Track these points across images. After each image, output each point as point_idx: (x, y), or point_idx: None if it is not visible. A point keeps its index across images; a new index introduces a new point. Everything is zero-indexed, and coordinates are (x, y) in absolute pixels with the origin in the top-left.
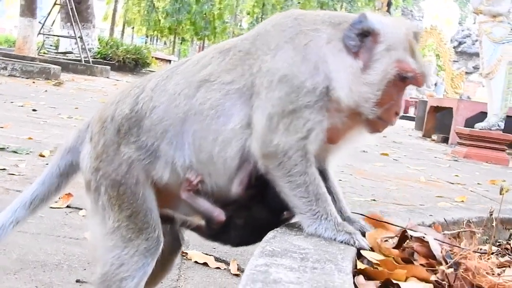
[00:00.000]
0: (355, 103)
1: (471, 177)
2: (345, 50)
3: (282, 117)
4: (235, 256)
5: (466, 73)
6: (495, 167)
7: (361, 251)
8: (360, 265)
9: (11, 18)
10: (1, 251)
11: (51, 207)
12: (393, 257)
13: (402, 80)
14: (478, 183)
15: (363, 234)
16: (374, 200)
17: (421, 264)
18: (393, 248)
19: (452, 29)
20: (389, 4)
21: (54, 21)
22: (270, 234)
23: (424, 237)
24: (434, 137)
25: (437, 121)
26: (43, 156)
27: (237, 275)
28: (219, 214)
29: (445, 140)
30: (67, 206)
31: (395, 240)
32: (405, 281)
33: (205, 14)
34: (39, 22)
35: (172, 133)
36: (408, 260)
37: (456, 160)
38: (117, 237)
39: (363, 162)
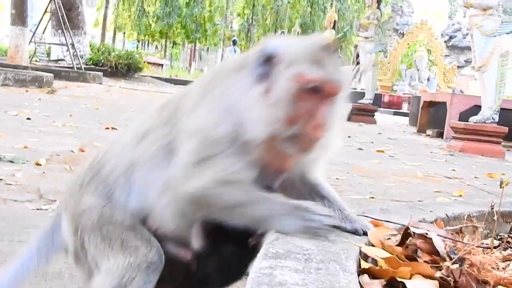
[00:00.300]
0: (267, 131)
1: (468, 171)
2: (253, 84)
3: (194, 166)
4: None
5: (458, 67)
6: (492, 160)
7: (364, 249)
8: (364, 264)
9: (1, 27)
10: (1, 262)
11: (51, 216)
12: (396, 255)
13: (310, 92)
14: (475, 177)
15: (365, 233)
16: (372, 197)
17: (425, 261)
18: (396, 245)
19: (442, 23)
20: (379, 1)
21: (45, 29)
22: (272, 236)
23: (427, 234)
24: (429, 132)
25: (431, 116)
26: (40, 165)
27: None
28: (185, 254)
29: (440, 135)
30: None
31: (398, 237)
32: (410, 278)
33: (195, 17)
34: (30, 31)
35: (123, 180)
36: (411, 258)
37: (452, 155)
38: (115, 269)
39: (360, 159)
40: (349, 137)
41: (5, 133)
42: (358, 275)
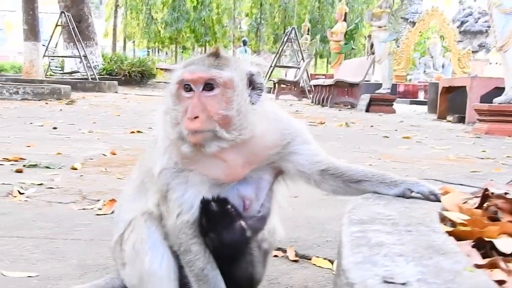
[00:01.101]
0: (170, 142)
1: (498, 151)
2: None
3: (137, 190)
4: (290, 244)
5: (472, 52)
6: None
7: (445, 213)
8: (444, 228)
9: (13, 45)
10: (60, 259)
11: (97, 214)
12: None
13: (181, 88)
14: (508, 156)
15: (438, 199)
16: None
17: (508, 221)
18: (475, 208)
19: (453, 9)
20: None
21: (57, 43)
22: (349, 206)
23: (507, 194)
24: (449, 118)
25: (450, 102)
26: (76, 169)
27: (295, 261)
28: None
29: (461, 120)
30: (112, 212)
31: (475, 200)
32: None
33: (203, 20)
34: (43, 45)
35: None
36: (493, 219)
37: (478, 137)
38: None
39: (387, 146)
40: (372, 126)
41: (35, 142)
42: None
